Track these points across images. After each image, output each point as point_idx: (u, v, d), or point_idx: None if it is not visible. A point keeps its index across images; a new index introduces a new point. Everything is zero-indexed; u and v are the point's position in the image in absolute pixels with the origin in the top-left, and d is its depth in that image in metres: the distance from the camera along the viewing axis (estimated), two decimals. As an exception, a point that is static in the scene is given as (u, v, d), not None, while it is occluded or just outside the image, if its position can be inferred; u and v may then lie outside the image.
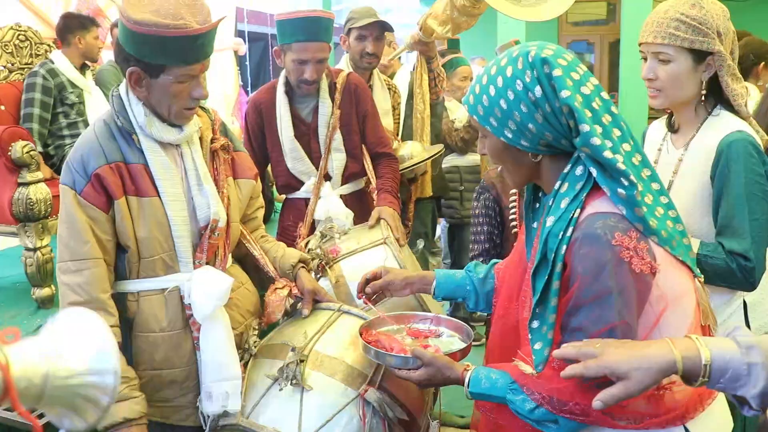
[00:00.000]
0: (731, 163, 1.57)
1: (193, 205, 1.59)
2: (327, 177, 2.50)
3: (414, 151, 3.02)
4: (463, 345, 1.47)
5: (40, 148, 3.53)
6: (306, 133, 2.47)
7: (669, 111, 1.78)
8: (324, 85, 2.45)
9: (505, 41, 5.89)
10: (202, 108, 1.71)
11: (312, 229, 2.43)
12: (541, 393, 1.19)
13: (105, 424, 1.46)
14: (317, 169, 2.48)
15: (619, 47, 6.02)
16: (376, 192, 2.49)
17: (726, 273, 1.57)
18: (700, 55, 1.60)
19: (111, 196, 1.50)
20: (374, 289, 1.64)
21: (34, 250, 2.89)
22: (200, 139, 1.65)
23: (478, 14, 2.80)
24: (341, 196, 2.51)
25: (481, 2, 2.60)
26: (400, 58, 3.87)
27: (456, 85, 4.07)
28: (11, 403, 0.77)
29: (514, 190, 2.05)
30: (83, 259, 1.48)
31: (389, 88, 3.18)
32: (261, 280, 1.84)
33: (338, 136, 2.47)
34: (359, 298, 1.67)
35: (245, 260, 1.85)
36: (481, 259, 2.56)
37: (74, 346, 0.89)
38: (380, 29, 2.94)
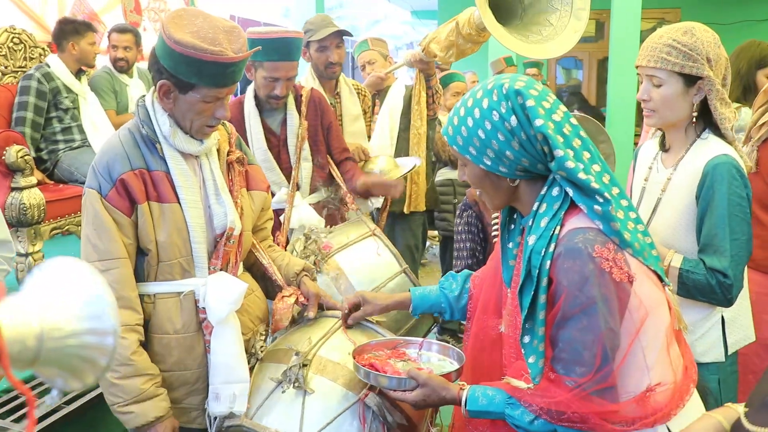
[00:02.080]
0: (716, 184, 1.64)
1: (210, 214, 1.64)
2: (296, 186, 2.57)
3: (387, 167, 2.98)
4: (456, 366, 1.50)
5: (32, 153, 3.52)
6: (276, 145, 2.54)
7: (662, 130, 1.86)
8: (290, 98, 2.54)
9: (496, 57, 5.98)
10: None
11: (287, 239, 2.47)
12: (539, 405, 1.23)
13: (137, 425, 1.51)
14: (287, 179, 2.54)
15: (607, 64, 6.12)
16: (349, 183, 2.60)
17: (706, 288, 1.64)
18: (690, 80, 1.68)
19: (134, 201, 1.55)
20: (355, 321, 1.73)
21: (26, 255, 2.90)
22: (218, 151, 1.71)
23: (482, 41, 2.83)
24: (310, 206, 2.57)
25: (486, 31, 2.63)
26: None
27: (449, 100, 4.13)
28: (3, 371, 0.69)
29: None
30: (112, 259, 1.52)
31: (358, 93, 3.21)
32: (266, 288, 1.89)
33: (306, 146, 2.56)
34: (343, 331, 1.72)
35: (252, 269, 1.89)
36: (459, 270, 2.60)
37: (70, 302, 0.79)
38: (340, 37, 2.99)
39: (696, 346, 1.74)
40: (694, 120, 1.73)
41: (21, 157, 2.86)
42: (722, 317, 1.76)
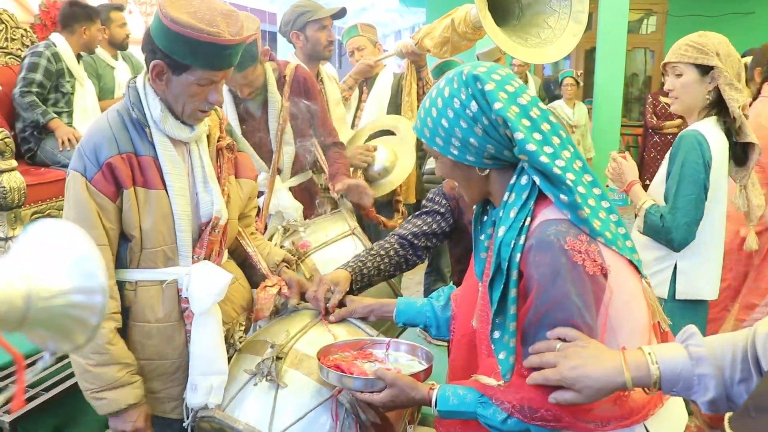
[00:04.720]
0: (678, 151, 2.11)
1: (197, 201, 1.61)
2: (277, 171, 2.51)
3: (388, 163, 2.92)
4: (424, 366, 1.46)
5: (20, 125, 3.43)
6: (256, 128, 2.47)
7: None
8: (272, 79, 2.44)
9: (485, 48, 5.96)
10: None
11: (266, 226, 2.44)
12: (511, 402, 1.20)
13: (110, 411, 1.50)
14: (268, 162, 2.47)
15: (595, 55, 6.13)
16: (330, 180, 2.52)
17: (655, 227, 2.11)
18: (703, 70, 2.12)
19: (120, 186, 1.52)
20: (337, 318, 1.70)
21: (6, 239, 2.85)
22: (208, 137, 1.67)
23: (477, 39, 2.80)
24: (291, 189, 2.52)
25: (482, 29, 2.58)
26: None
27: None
28: None
29: None
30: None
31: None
32: (247, 276, 1.85)
33: (288, 129, 2.48)
34: (323, 323, 1.69)
35: (234, 254, 1.86)
36: (403, 233, 2.03)
37: (56, 263, 0.79)
38: (333, 18, 3.00)
39: (651, 279, 2.07)
40: (707, 106, 2.15)
41: (1, 140, 2.81)
42: (675, 264, 2.18)
